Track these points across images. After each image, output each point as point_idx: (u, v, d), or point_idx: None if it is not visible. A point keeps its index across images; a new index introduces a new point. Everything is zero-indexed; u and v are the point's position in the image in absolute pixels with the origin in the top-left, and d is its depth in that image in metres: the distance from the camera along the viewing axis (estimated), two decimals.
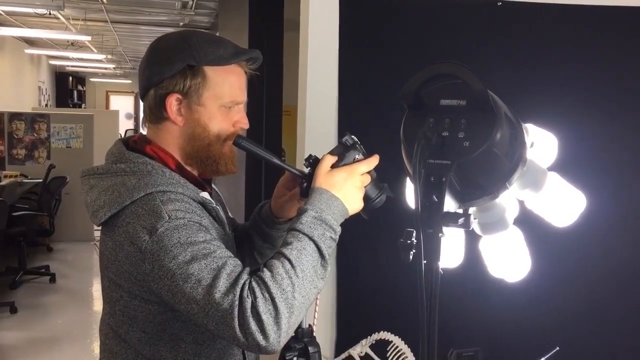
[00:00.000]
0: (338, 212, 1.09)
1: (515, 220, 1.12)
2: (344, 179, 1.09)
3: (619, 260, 2.52)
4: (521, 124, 1.03)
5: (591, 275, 2.51)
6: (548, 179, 1.06)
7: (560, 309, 2.58)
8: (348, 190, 1.10)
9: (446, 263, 1.13)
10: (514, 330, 2.55)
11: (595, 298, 2.57)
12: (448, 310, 2.48)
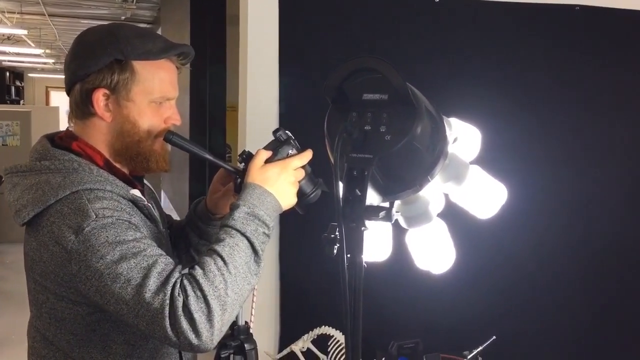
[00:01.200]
0: (271, 208, 1.08)
1: (441, 213, 1.15)
2: (277, 174, 1.09)
3: (541, 249, 2.62)
4: (443, 118, 1.05)
5: (515, 264, 2.60)
6: (470, 172, 1.09)
7: (493, 298, 2.67)
8: (281, 185, 1.10)
9: (374, 256, 1.15)
10: (452, 321, 2.61)
11: (523, 287, 2.66)
12: (389, 304, 2.54)
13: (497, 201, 1.12)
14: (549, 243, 2.64)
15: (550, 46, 2.62)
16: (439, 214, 1.14)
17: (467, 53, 2.43)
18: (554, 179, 2.61)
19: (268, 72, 2.38)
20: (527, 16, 2.58)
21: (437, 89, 2.28)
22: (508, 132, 2.48)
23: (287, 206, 1.12)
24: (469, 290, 2.60)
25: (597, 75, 2.70)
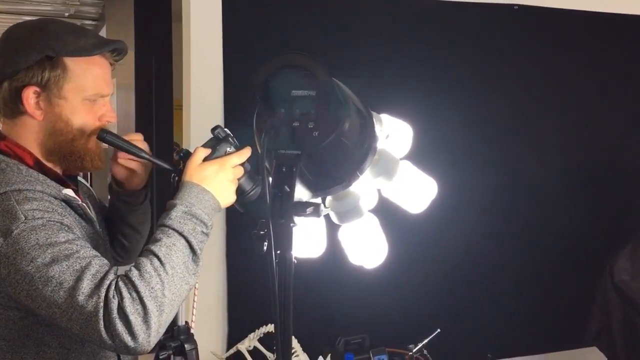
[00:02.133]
0: (209, 206, 1.07)
1: (375, 208, 1.16)
2: (215, 171, 1.08)
3: (472, 242, 2.70)
4: (372, 114, 1.06)
5: (449, 256, 2.67)
6: (400, 167, 1.10)
7: (436, 292, 2.72)
8: (220, 184, 1.09)
9: (309, 253, 1.15)
10: (398, 316, 2.65)
11: (461, 279, 2.74)
12: (336, 300, 2.55)
13: (428, 196, 1.14)
14: (480, 235, 2.72)
15: (487, 44, 2.68)
16: (372, 209, 1.15)
17: (401, 50, 2.47)
18: (483, 173, 2.69)
19: (212, 70, 2.36)
20: (465, 14, 2.64)
21: (369, 86, 2.31)
22: (440, 127, 2.54)
23: (226, 204, 1.12)
24: (413, 284, 2.66)
25: (532, 72, 2.78)
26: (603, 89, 2.95)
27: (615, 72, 2.96)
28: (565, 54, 2.86)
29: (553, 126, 2.86)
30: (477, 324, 2.82)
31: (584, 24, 2.87)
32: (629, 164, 2.96)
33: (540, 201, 2.86)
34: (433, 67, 2.55)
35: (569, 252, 2.92)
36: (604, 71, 2.93)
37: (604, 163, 2.99)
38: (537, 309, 2.92)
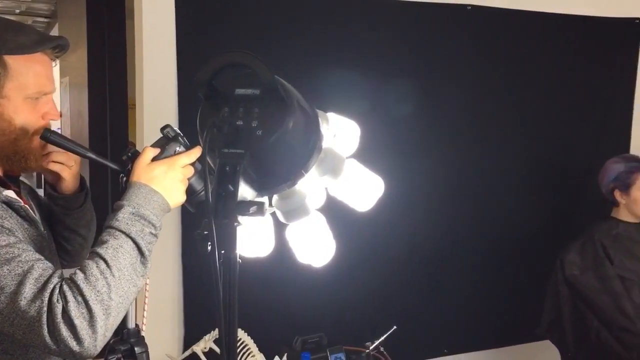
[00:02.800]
0: (158, 207, 1.06)
1: (325, 207, 1.17)
2: (164, 171, 1.06)
3: (425, 239, 2.74)
4: (317, 113, 1.06)
5: (402, 253, 2.71)
6: (346, 165, 1.11)
7: (391, 289, 2.75)
8: (168, 184, 1.07)
9: (256, 252, 1.15)
10: (355, 314, 2.67)
11: (412, 276, 2.77)
12: (293, 300, 2.55)
13: (374, 194, 1.15)
14: (433, 233, 2.76)
15: (439, 44, 2.72)
16: (320, 208, 1.15)
17: (351, 50, 2.48)
18: (434, 171, 2.72)
19: (165, 68, 2.32)
20: (418, 14, 2.67)
21: (318, 85, 2.32)
22: (389, 126, 2.56)
23: (176, 204, 1.10)
24: (368, 282, 2.68)
25: (484, 72, 2.83)
26: (554, 88, 3.03)
27: (566, 71, 3.04)
28: (518, 53, 2.92)
29: (504, 124, 2.92)
30: (433, 320, 2.86)
31: (537, 24, 2.93)
32: (580, 161, 3.04)
33: (492, 198, 2.92)
34: (384, 66, 2.57)
35: (522, 248, 2.99)
36: (555, 70, 3.01)
37: (555, 160, 3.07)
38: (491, 304, 2.98)
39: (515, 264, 2.98)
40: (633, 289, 2.35)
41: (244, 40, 2.33)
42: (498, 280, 2.98)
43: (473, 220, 2.87)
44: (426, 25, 2.67)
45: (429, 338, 2.89)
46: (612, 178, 2.44)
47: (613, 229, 2.46)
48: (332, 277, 2.57)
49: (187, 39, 2.28)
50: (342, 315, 2.61)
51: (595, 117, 3.15)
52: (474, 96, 2.80)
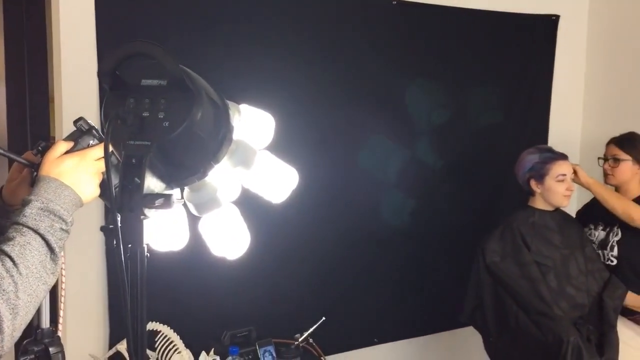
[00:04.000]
0: (69, 202, 1.02)
1: (239, 198, 1.16)
2: (75, 165, 1.03)
3: (345, 230, 2.78)
4: (227, 104, 1.05)
5: (329, 245, 2.74)
6: (259, 157, 1.11)
7: (318, 281, 2.78)
8: (80, 177, 1.03)
9: (170, 245, 1.13)
10: (284, 307, 2.68)
11: (339, 268, 2.80)
12: (222, 295, 2.53)
13: (288, 185, 1.15)
14: (359, 223, 2.80)
15: (365, 39, 2.74)
16: (237, 200, 1.15)
17: (269, 43, 2.48)
18: (352, 163, 2.76)
19: (85, 60, 2.25)
20: (342, 8, 2.68)
21: (233, 77, 2.30)
22: (306, 119, 2.57)
23: (89, 199, 1.06)
24: (296, 275, 2.69)
25: (406, 65, 2.88)
26: (476, 83, 3.12)
27: (487, 66, 3.14)
28: (442, 48, 2.99)
29: (427, 117, 2.99)
30: (362, 310, 2.91)
31: (460, 20, 3.01)
32: (502, 152, 3.15)
33: (417, 189, 2.99)
34: (304, 60, 2.57)
35: (447, 238, 3.08)
36: (477, 65, 3.10)
37: (479, 152, 3.17)
38: (418, 293, 3.06)
39: (440, 253, 3.07)
40: (549, 274, 2.45)
41: (165, 31, 2.28)
42: (424, 270, 3.05)
43: (399, 211, 2.93)
44: (350, 19, 2.69)
45: (359, 328, 2.94)
46: (528, 168, 2.54)
47: (530, 217, 2.56)
48: (261, 271, 2.58)
49: (107, 29, 2.22)
50: (272, 309, 2.61)
51: (516, 110, 3.27)
52: (394, 89, 2.85)
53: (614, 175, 2.70)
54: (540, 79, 3.35)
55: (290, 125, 2.38)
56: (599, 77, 3.51)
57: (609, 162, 2.72)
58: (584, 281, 2.51)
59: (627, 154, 2.67)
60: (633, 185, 2.70)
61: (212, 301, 2.47)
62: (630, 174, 2.68)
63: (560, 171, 2.49)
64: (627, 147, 2.68)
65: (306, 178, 2.51)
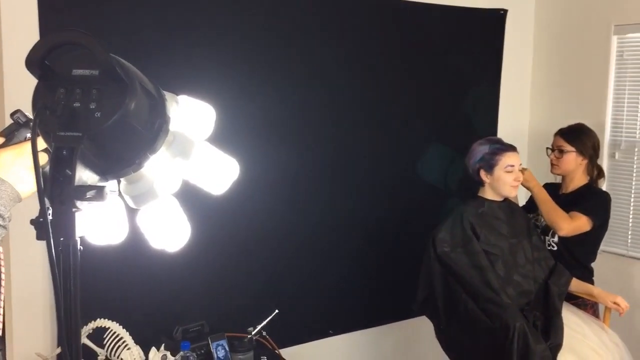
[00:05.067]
0: (6, 197, 0.98)
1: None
2: (11, 159, 0.99)
3: (296, 222, 2.79)
4: (163, 94, 1.04)
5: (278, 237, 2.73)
6: (198, 148, 1.10)
7: (271, 274, 2.78)
8: (17, 171, 1.00)
9: (108, 239, 1.11)
10: (237, 300, 2.67)
11: (292, 261, 2.81)
12: (173, 289, 2.50)
13: (228, 177, 1.14)
14: (307, 214, 2.81)
15: (305, 32, 2.72)
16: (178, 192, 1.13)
17: (211, 34, 2.45)
18: (305, 153, 2.76)
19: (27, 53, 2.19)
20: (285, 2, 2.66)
21: (174, 68, 2.27)
22: (251, 110, 2.55)
23: (28, 194, 1.03)
24: (247, 268, 2.69)
25: (355, 58, 2.89)
26: (429, 75, 3.16)
27: (439, 59, 3.18)
28: (393, 41, 3.01)
29: (380, 109, 3.01)
30: (316, 302, 2.92)
31: (411, 13, 3.04)
32: (454, 144, 3.20)
33: (368, 181, 3.01)
34: (246, 51, 2.54)
35: (400, 229, 3.12)
36: (429, 58, 3.14)
37: (431, 143, 3.21)
38: (373, 284, 3.09)
39: (393, 244, 3.10)
40: (497, 262, 2.51)
41: (108, 21, 2.23)
42: (377, 261, 3.09)
43: (351, 203, 2.95)
44: (294, 13, 2.68)
45: (313, 320, 2.95)
46: (478, 159, 2.59)
47: (479, 207, 2.61)
48: (212, 265, 2.56)
49: (50, 21, 2.16)
50: (225, 303, 2.60)
51: (467, 102, 3.33)
52: (344, 81, 2.85)
53: (559, 165, 2.79)
54: (489, 72, 3.42)
55: (234, 117, 2.37)
56: (546, 70, 3.61)
57: (554, 153, 2.80)
58: (531, 269, 2.58)
59: (572, 146, 2.75)
60: (577, 175, 2.79)
61: (163, 296, 2.44)
62: (574, 165, 2.77)
63: (509, 162, 2.55)
64: (572, 139, 2.76)
65: (257, 170, 2.51)
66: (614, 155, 3.36)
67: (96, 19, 2.20)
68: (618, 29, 3.28)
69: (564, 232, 2.66)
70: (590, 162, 2.79)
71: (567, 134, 2.79)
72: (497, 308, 2.39)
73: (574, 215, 2.67)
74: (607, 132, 3.36)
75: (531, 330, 2.34)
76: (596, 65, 3.36)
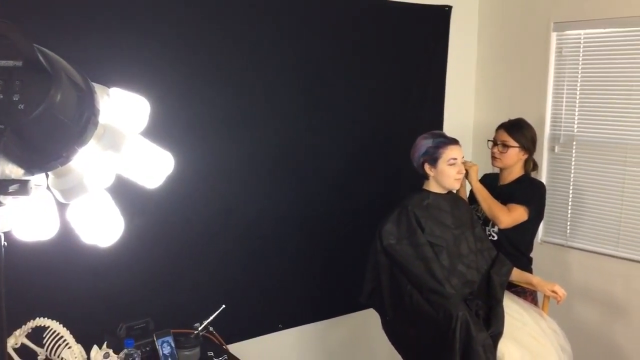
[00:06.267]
0: None
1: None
2: None
3: (240, 215, 2.77)
4: (92, 86, 1.02)
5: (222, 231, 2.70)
6: (130, 141, 1.08)
7: (215, 269, 2.76)
8: None
9: (37, 235, 1.08)
10: (182, 296, 2.64)
11: (236, 254, 2.79)
12: (117, 286, 2.45)
13: (162, 170, 1.13)
14: (253, 207, 2.78)
15: (250, 25, 2.68)
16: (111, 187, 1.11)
17: (146, 26, 2.39)
18: (234, 147, 2.72)
19: None
20: None
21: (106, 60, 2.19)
22: (184, 103, 2.49)
23: None
24: (195, 263, 2.66)
25: (299, 53, 2.88)
26: (376, 72, 3.19)
27: (387, 55, 3.21)
28: (340, 37, 3.02)
29: (329, 103, 3.02)
30: (265, 296, 2.92)
31: (358, 9, 3.05)
32: (402, 138, 3.24)
33: (316, 174, 3.02)
34: (181, 43, 2.48)
35: (348, 222, 3.14)
36: (377, 54, 3.17)
37: (380, 138, 3.25)
38: (321, 278, 3.11)
39: (341, 237, 3.13)
40: (441, 254, 2.56)
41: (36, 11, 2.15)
42: (326, 254, 3.10)
43: (297, 196, 2.95)
44: (234, 5, 2.64)
45: (262, 315, 2.95)
46: (422, 153, 2.64)
47: (424, 199, 2.66)
48: (156, 261, 2.53)
49: None
50: (170, 299, 2.57)
51: (413, 97, 3.38)
52: (287, 76, 2.83)
53: (501, 159, 2.87)
54: (435, 68, 3.47)
55: (171, 110, 2.32)
56: (489, 66, 3.70)
57: (498, 147, 2.88)
58: (474, 259, 2.64)
59: (516, 141, 2.84)
60: (516, 168, 2.88)
61: (105, 293, 2.40)
62: (516, 159, 2.87)
63: (452, 155, 2.60)
64: (516, 134, 2.85)
65: (199, 163, 2.47)
66: (553, 149, 3.48)
67: (21, 8, 2.13)
68: (557, 26, 3.39)
69: (504, 224, 2.76)
70: (530, 156, 2.89)
71: (510, 129, 2.87)
72: (440, 298, 2.44)
73: (512, 207, 2.76)
74: (547, 126, 3.47)
75: (473, 319, 2.39)
76: (537, 61, 3.46)
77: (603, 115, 3.27)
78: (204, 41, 2.54)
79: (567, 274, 3.42)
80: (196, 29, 2.51)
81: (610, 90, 3.23)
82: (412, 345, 2.60)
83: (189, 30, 2.49)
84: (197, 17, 2.51)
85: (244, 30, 2.65)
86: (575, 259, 3.42)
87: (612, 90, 3.23)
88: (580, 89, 3.36)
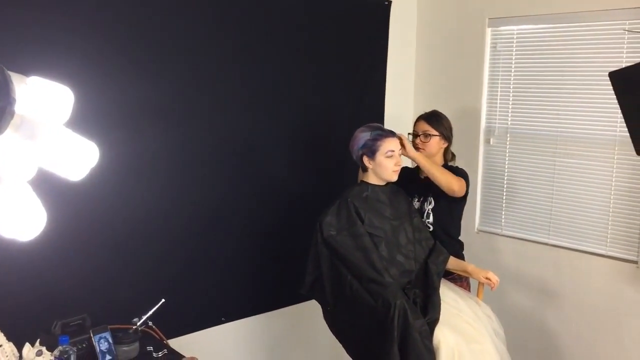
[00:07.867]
0: None
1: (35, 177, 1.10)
2: None
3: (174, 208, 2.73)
4: (7, 75, 0.99)
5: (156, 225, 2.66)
6: (50, 132, 1.06)
7: (156, 262, 2.73)
8: None
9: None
10: (121, 291, 2.60)
11: (174, 247, 2.76)
12: (51, 281, 2.39)
13: (86, 162, 1.12)
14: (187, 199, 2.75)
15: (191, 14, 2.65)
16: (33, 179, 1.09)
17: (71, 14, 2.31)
18: (175, 136, 2.68)
19: None
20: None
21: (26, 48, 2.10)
22: (112, 93, 2.42)
23: None
24: (132, 256, 2.62)
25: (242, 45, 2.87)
26: (318, 65, 3.20)
27: (329, 49, 3.23)
28: (282, 30, 3.02)
29: (265, 95, 3.01)
30: (206, 290, 2.90)
31: (301, 2, 3.05)
32: (343, 130, 3.27)
33: (257, 166, 3.01)
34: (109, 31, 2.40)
35: (288, 214, 3.15)
36: (320, 47, 3.18)
37: (321, 130, 3.27)
38: (263, 269, 3.11)
39: (281, 229, 3.14)
40: (380, 244, 2.61)
41: None
42: (267, 246, 3.11)
43: (236, 189, 2.94)
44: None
45: (204, 308, 2.93)
46: (361, 145, 2.68)
47: (364, 191, 2.70)
48: (90, 255, 2.48)
49: None
50: (107, 294, 2.53)
51: (355, 90, 3.42)
52: (227, 66, 2.81)
53: (424, 149, 2.92)
54: (376, 61, 3.52)
55: (98, 100, 2.25)
56: (428, 59, 3.77)
57: (420, 137, 2.94)
58: (412, 249, 2.70)
59: (436, 130, 2.91)
60: (437, 158, 2.96)
61: (41, 291, 2.33)
62: (437, 148, 2.95)
63: (389, 147, 2.65)
64: (435, 124, 2.92)
65: (132, 154, 2.42)
66: (489, 141, 3.58)
67: None
68: (492, 21, 3.49)
69: (457, 189, 2.76)
70: (449, 145, 2.96)
71: (430, 119, 2.94)
72: (379, 287, 2.48)
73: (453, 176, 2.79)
74: (482, 118, 3.58)
75: (411, 307, 2.45)
76: (473, 56, 3.56)
77: (535, 108, 3.40)
78: (138, 31, 2.48)
79: (501, 261, 3.54)
80: (131, 17, 2.45)
81: (542, 84, 3.36)
82: (353, 334, 2.64)
83: (122, 18, 2.42)
84: (133, 5, 2.45)
85: (179, 21, 2.62)
86: (509, 247, 3.55)
87: (543, 84, 3.35)
88: (513, 83, 3.48)
